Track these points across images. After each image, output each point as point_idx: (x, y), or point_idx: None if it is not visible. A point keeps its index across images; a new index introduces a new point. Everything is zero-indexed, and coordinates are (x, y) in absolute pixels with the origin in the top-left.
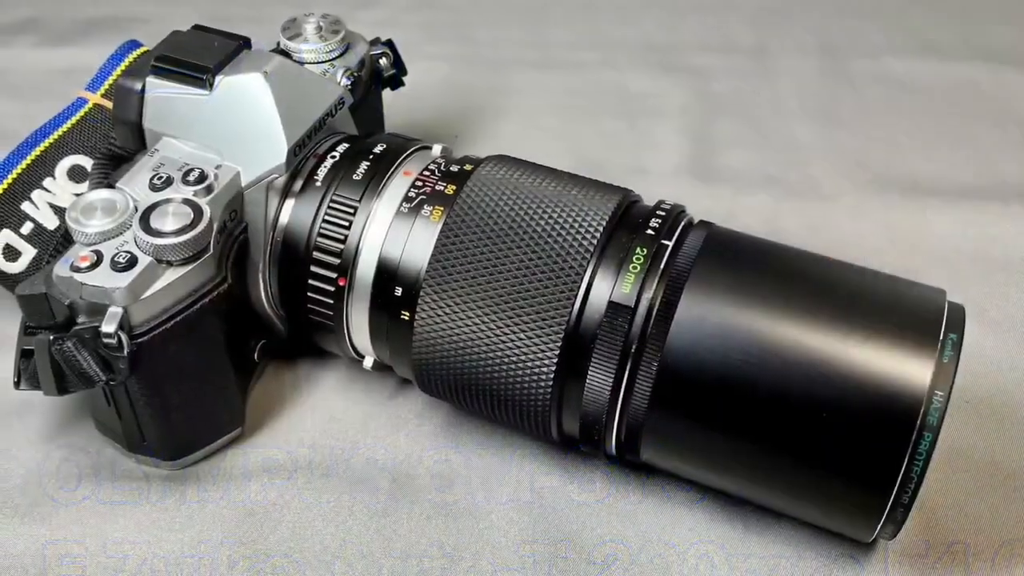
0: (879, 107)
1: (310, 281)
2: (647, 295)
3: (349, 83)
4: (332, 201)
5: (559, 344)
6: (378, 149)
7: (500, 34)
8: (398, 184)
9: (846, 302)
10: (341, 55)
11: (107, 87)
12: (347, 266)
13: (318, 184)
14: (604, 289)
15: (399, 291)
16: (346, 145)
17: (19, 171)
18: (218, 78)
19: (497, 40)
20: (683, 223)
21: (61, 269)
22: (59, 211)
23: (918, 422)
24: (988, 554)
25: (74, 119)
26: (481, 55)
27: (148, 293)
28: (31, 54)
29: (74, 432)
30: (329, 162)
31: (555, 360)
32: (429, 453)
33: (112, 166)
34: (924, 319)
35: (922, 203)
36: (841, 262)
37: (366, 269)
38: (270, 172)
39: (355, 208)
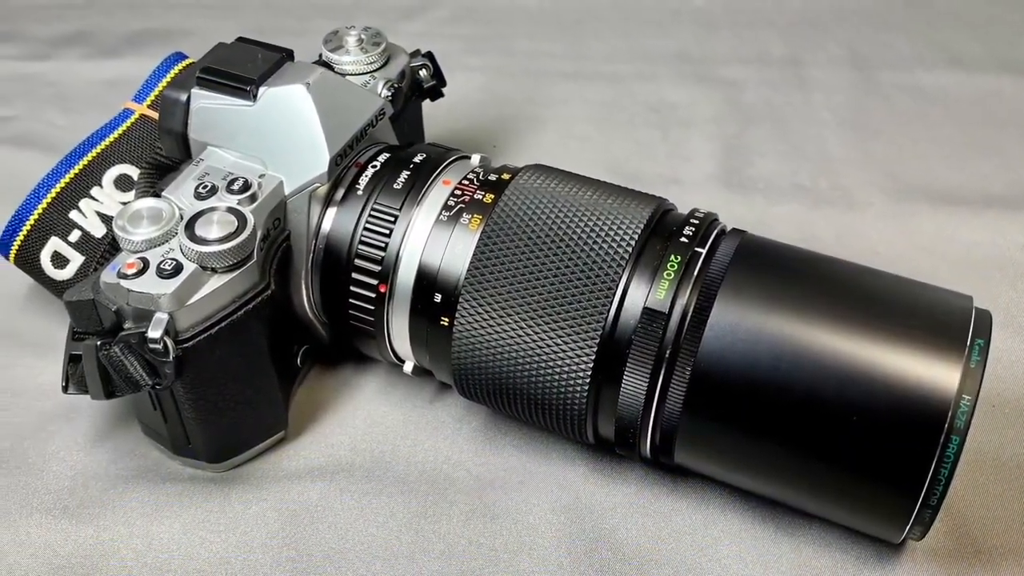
0: (908, 118)
1: (351, 288)
2: (681, 301)
3: (390, 94)
4: (373, 209)
5: (595, 349)
6: (418, 159)
7: (537, 46)
8: (438, 193)
9: (875, 308)
10: (382, 67)
11: (153, 98)
12: (388, 273)
13: (359, 193)
14: (639, 296)
15: (439, 297)
16: (387, 155)
17: (67, 180)
18: (262, 89)
19: (534, 52)
20: (716, 231)
21: (108, 276)
22: (106, 219)
23: (946, 425)
24: (1016, 555)
25: (121, 129)
26: (519, 67)
27: (193, 299)
28: (79, 66)
29: (120, 435)
30: (370, 171)
31: (591, 365)
32: (468, 456)
33: (158, 175)
34: (951, 325)
35: (950, 211)
36: (870, 269)
37: (406, 276)
38: (312, 181)
39: (395, 216)
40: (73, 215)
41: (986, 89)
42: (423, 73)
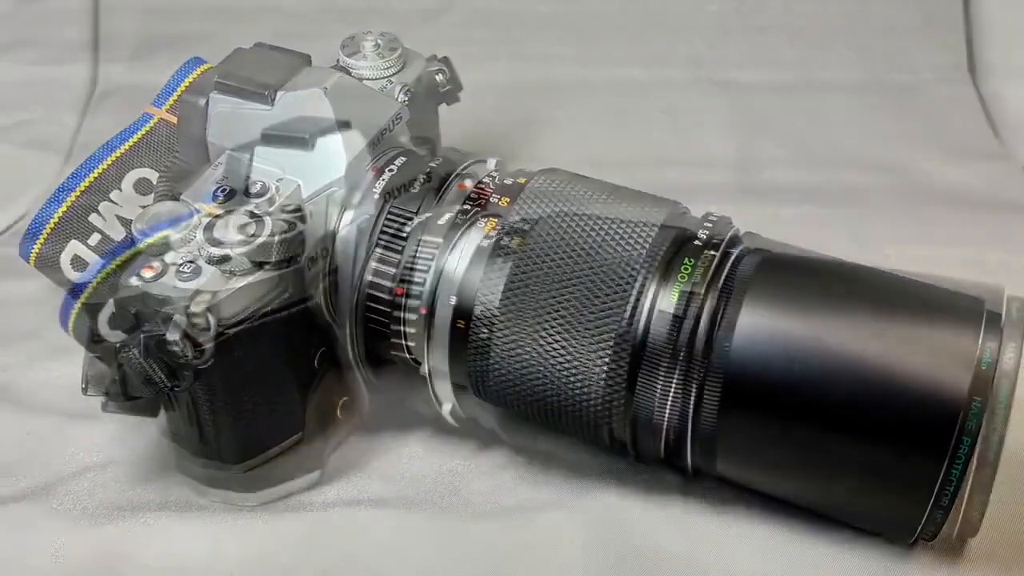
0: (919, 121)
1: (367, 290)
2: (694, 305)
3: (406, 99)
4: (390, 213)
5: (609, 353)
6: (434, 163)
7: (551, 51)
8: (454, 197)
9: (887, 310)
10: (398, 71)
11: (172, 102)
12: (404, 276)
13: (376, 197)
14: (653, 299)
15: (454, 300)
16: (403, 159)
17: (87, 184)
18: (279, 93)
19: (549, 57)
20: (729, 234)
21: (127, 279)
22: (125, 223)
23: (957, 427)
24: None
25: (140, 133)
26: (533, 71)
27: (211, 302)
28: (98, 70)
29: (139, 437)
30: (387, 175)
31: (605, 369)
32: (486, 460)
33: (177, 179)
34: (963, 326)
35: (961, 214)
36: (882, 271)
37: (422, 279)
38: (329, 185)
39: (412, 220)
40: (93, 218)
41: (995, 93)
42: (439, 78)
